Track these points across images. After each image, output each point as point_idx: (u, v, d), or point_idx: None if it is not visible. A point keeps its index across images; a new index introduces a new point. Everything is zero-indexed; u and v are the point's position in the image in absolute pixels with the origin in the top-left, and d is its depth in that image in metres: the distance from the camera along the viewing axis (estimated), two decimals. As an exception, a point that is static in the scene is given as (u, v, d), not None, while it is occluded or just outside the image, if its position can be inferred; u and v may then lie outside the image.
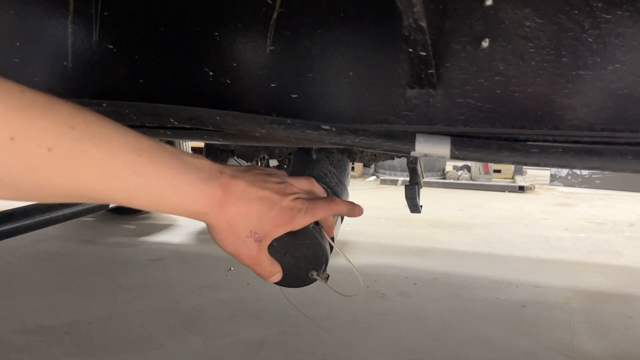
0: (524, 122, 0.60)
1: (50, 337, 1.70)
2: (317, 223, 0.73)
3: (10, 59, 0.77)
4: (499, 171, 5.91)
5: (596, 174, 5.60)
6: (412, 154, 0.58)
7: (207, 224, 0.56)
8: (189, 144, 3.48)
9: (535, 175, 6.58)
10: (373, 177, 6.08)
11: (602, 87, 0.58)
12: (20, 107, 0.39)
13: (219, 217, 0.54)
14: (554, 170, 5.92)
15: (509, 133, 0.60)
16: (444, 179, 5.81)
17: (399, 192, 5.19)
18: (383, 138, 0.60)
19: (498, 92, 0.61)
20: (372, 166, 6.23)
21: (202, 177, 0.52)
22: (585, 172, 5.65)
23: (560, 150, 0.56)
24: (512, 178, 5.91)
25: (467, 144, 0.58)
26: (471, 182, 5.67)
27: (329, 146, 0.77)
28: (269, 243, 0.62)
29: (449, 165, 6.13)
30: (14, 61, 0.77)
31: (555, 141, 0.58)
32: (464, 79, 0.62)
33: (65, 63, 0.75)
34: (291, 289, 0.90)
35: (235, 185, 0.55)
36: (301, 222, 0.62)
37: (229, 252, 0.60)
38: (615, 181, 5.45)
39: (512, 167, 6.05)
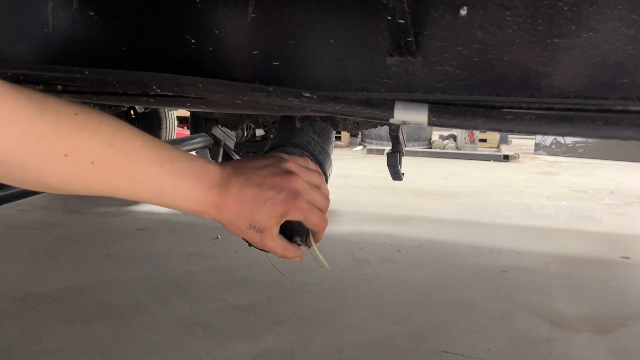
0: (500, 90, 0.61)
1: (39, 304, 1.72)
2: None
3: (-10, 25, 0.76)
4: (484, 140, 5.96)
5: (580, 143, 5.67)
6: (391, 121, 0.59)
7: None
8: (174, 114, 3.46)
9: (521, 144, 6.65)
10: (360, 147, 6.10)
11: (576, 55, 0.60)
12: (75, 129, 0.49)
13: (219, 215, 0.63)
14: (538, 139, 5.98)
15: (485, 100, 0.61)
16: (430, 148, 5.84)
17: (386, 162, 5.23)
18: (363, 105, 0.61)
19: (475, 60, 0.62)
20: (359, 136, 6.24)
21: (206, 183, 0.60)
22: (569, 141, 5.72)
23: (533, 117, 0.58)
24: (498, 147, 5.97)
25: (444, 111, 0.59)
26: (457, 151, 5.72)
27: (311, 114, 0.78)
28: (275, 231, 0.65)
29: (435, 135, 6.17)
30: (-6, 28, 0.76)
31: (529, 108, 0.59)
32: (442, 47, 0.63)
33: (45, 30, 0.74)
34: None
35: (232, 187, 0.62)
36: (296, 215, 0.66)
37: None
38: (597, 150, 5.52)
39: (498, 136, 6.11)
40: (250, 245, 0.82)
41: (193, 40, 0.70)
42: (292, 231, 0.80)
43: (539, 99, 0.59)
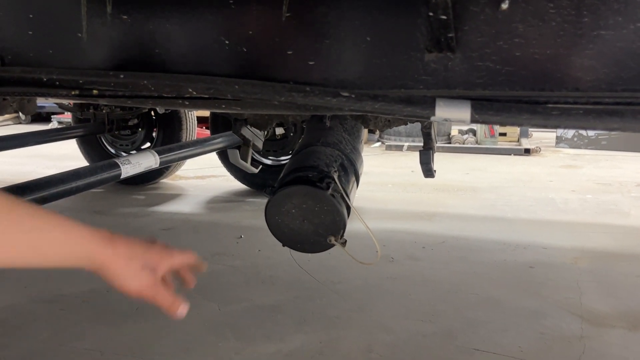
0: (544, 84, 0.60)
1: (69, 305, 1.74)
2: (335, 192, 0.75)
3: (24, 32, 0.76)
4: (504, 134, 5.88)
5: (603, 135, 5.56)
6: (432, 119, 0.58)
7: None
8: (194, 114, 3.48)
9: (541, 137, 6.55)
10: (378, 143, 6.07)
11: (623, 47, 0.58)
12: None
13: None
14: (559, 132, 5.89)
15: (529, 95, 0.60)
16: (450, 143, 5.79)
17: (405, 158, 5.19)
18: (403, 103, 0.60)
19: (517, 54, 0.61)
20: (377, 132, 6.21)
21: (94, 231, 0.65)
22: (591, 133, 5.61)
23: (581, 111, 0.56)
24: (518, 141, 5.89)
25: (487, 107, 0.58)
26: (477, 146, 5.66)
27: (349, 113, 0.77)
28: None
29: (455, 130, 6.10)
30: (28, 34, 0.76)
31: (576, 103, 0.58)
32: (482, 42, 0.61)
33: (79, 34, 0.74)
34: (303, 254, 0.93)
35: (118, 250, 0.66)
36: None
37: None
38: (621, 142, 5.42)
39: (518, 130, 6.02)
40: (284, 245, 0.82)
41: (227, 42, 0.69)
42: (327, 230, 0.80)
43: (585, 93, 0.57)
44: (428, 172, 1.15)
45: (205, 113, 3.87)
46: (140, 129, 3.47)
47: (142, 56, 0.73)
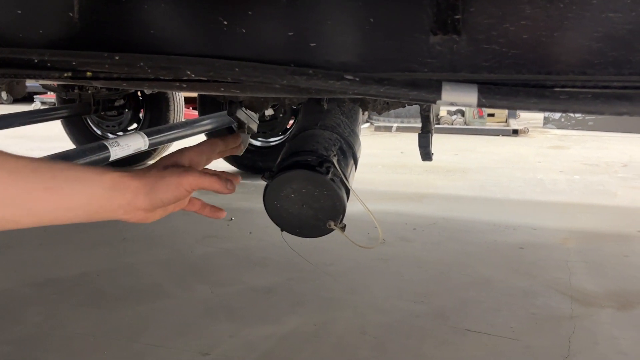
0: (551, 68, 0.59)
1: (61, 289, 1.73)
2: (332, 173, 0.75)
3: (13, 11, 0.73)
4: (492, 115, 5.90)
5: (590, 115, 5.60)
6: (438, 102, 0.57)
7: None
8: (182, 96, 3.43)
9: (529, 118, 6.58)
10: (367, 124, 6.06)
11: (632, 30, 0.57)
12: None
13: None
14: (547, 112, 5.91)
15: (535, 79, 0.59)
16: (438, 124, 5.79)
17: (394, 139, 5.18)
18: (408, 87, 0.59)
19: (524, 37, 0.60)
20: (366, 113, 6.18)
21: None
22: (578, 114, 5.64)
23: (589, 96, 0.55)
24: (506, 122, 5.91)
25: (494, 91, 0.57)
26: (465, 126, 5.67)
27: (353, 96, 0.76)
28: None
29: (443, 111, 6.10)
30: (17, 13, 0.74)
31: (584, 87, 0.57)
32: (489, 24, 0.60)
33: (71, 14, 0.72)
34: (294, 237, 0.92)
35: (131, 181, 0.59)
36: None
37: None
38: (608, 122, 5.46)
39: (506, 110, 6.03)
40: (283, 230, 0.81)
41: (225, 22, 0.67)
42: (326, 215, 0.79)
43: (593, 77, 0.57)
44: (426, 155, 1.14)
45: (193, 94, 3.82)
46: (126, 110, 3.42)
47: (137, 37, 0.71)
